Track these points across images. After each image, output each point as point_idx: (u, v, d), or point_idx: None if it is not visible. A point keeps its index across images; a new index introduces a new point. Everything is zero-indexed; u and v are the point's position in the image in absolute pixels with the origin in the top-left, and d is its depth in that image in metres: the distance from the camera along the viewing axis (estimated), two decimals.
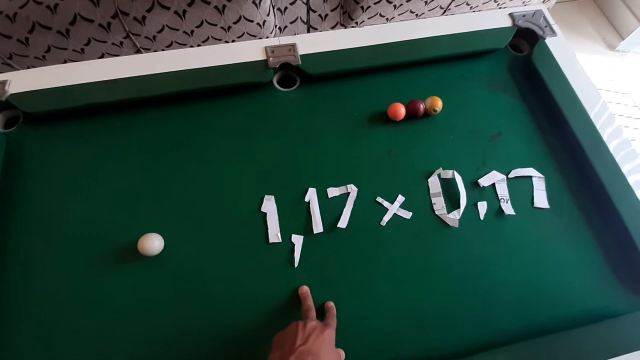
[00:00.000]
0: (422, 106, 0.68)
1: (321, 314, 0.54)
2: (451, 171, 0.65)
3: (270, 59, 0.71)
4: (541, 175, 0.66)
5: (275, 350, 0.45)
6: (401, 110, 0.68)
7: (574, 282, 0.60)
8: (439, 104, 0.68)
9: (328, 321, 0.51)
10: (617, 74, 1.72)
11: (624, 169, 0.65)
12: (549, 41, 0.77)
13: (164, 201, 0.61)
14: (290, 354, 0.43)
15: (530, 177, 0.66)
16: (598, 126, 0.68)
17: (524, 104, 0.73)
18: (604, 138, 0.67)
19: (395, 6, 1.34)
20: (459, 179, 0.64)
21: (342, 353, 0.52)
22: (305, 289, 0.56)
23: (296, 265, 0.58)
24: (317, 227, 0.60)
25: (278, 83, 0.74)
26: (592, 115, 0.69)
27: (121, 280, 0.56)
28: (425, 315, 0.56)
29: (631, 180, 0.64)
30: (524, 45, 0.80)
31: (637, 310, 0.57)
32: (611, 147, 0.67)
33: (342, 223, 0.60)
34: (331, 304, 0.55)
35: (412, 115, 0.69)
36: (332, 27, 1.41)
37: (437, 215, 0.62)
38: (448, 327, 0.56)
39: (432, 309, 0.57)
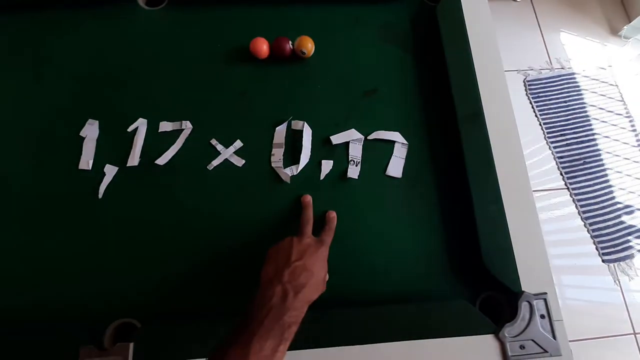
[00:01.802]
0: (288, 45, 0.60)
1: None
2: (302, 122, 0.58)
3: None
4: (405, 142, 0.59)
5: (269, 263, 0.45)
6: (263, 47, 0.60)
7: (406, 259, 0.54)
8: (308, 45, 0.60)
9: (323, 237, 0.50)
10: (611, 62, 1.54)
11: (496, 150, 0.56)
12: None
13: None
14: (285, 268, 0.43)
15: (394, 142, 0.59)
16: (485, 100, 0.58)
17: (415, 62, 0.64)
18: (488, 119, 0.57)
19: None
20: (307, 132, 0.57)
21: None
22: (308, 198, 0.54)
23: (100, 196, 0.54)
24: (133, 160, 0.55)
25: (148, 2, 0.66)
26: (483, 87, 0.59)
27: None
28: (237, 268, 0.52)
29: (500, 159, 0.56)
30: None
31: (457, 299, 0.52)
32: (493, 126, 0.57)
33: (161, 160, 0.55)
34: (333, 214, 0.53)
35: (277, 54, 0.61)
36: None
37: (272, 167, 0.57)
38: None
39: (247, 263, 0.52)
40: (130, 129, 0.56)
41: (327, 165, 0.57)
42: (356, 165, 0.57)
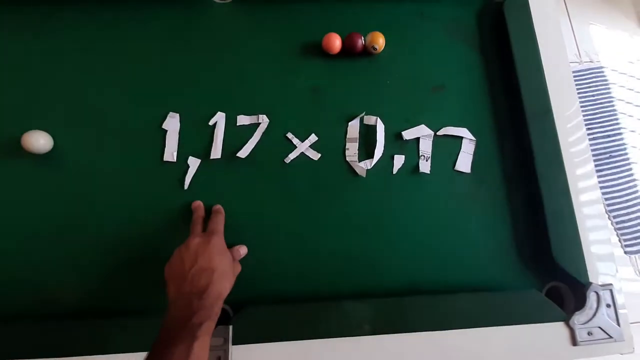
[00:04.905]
0: (360, 41, 0.61)
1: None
2: (375, 117, 0.59)
3: None
4: (473, 138, 0.60)
5: (169, 284, 0.44)
6: (336, 43, 0.61)
7: (475, 251, 0.57)
8: (380, 41, 0.61)
9: (211, 228, 0.49)
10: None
11: (564, 144, 0.58)
12: None
13: (63, 101, 0.58)
14: (184, 281, 0.42)
15: (462, 138, 0.61)
16: (553, 97, 0.60)
17: (482, 58, 0.65)
18: (555, 112, 0.59)
19: None
20: (380, 127, 0.59)
21: (243, 249, 0.51)
22: (197, 202, 0.54)
23: (186, 187, 0.56)
24: (216, 152, 0.57)
25: None
26: (551, 84, 0.60)
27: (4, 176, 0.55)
28: (317, 257, 0.55)
29: (568, 156, 0.58)
30: None
31: (526, 290, 0.55)
32: (560, 122, 0.59)
33: (242, 153, 0.57)
34: (217, 207, 0.54)
35: (349, 50, 0.62)
36: None
37: (347, 161, 0.59)
38: (339, 272, 0.55)
39: (326, 253, 0.55)
40: (211, 122, 0.58)
41: (399, 160, 0.59)
42: (426, 160, 0.59)
